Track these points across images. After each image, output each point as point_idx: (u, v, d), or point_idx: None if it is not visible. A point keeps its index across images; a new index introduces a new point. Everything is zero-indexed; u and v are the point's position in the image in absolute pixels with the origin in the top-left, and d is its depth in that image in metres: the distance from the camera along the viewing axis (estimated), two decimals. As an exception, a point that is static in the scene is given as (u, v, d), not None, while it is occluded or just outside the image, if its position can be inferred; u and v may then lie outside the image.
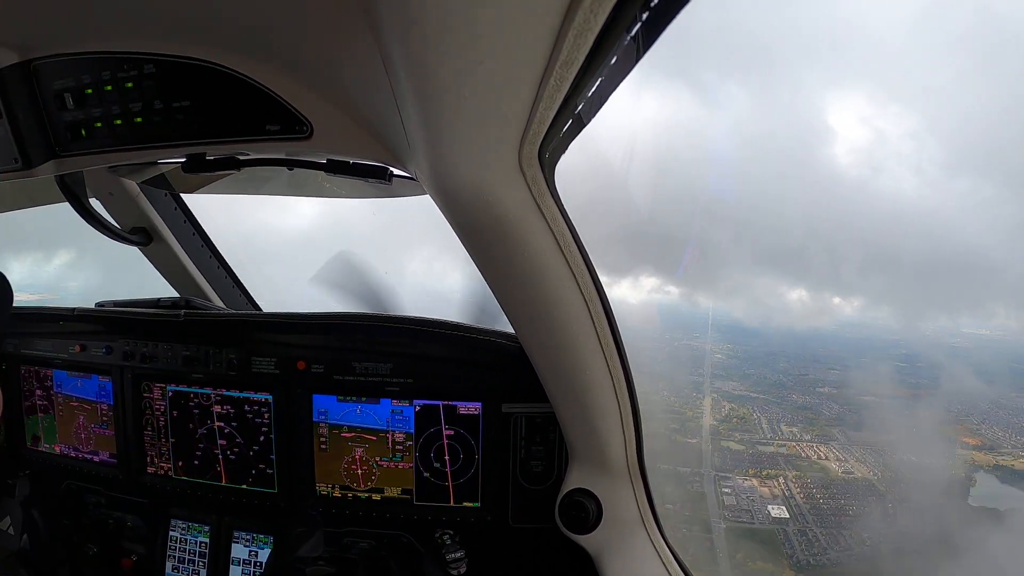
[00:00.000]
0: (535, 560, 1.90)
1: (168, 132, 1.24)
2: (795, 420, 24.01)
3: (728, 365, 28.81)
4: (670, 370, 28.57)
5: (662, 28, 0.73)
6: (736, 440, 22.42)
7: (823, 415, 24.43)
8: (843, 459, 21.65)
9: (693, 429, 23.34)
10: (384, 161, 1.33)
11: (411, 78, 0.72)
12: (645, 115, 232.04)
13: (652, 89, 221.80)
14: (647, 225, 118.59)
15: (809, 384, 27.11)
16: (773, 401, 25.02)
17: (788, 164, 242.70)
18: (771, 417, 23.81)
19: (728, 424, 23.53)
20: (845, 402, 25.56)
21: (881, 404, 26.05)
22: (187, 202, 2.45)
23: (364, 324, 1.95)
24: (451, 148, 0.93)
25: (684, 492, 19.56)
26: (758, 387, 26.18)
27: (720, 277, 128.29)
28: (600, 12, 0.64)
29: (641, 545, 1.70)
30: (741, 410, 24.34)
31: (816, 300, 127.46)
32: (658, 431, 22.26)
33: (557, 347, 1.45)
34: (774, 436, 22.63)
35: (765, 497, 19.46)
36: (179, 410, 2.07)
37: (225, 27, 1.08)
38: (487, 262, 1.30)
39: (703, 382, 26.93)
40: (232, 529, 2.06)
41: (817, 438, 22.80)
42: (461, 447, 1.89)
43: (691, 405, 24.98)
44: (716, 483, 19.83)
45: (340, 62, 1.03)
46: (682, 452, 21.34)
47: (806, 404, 25.20)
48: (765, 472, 20.75)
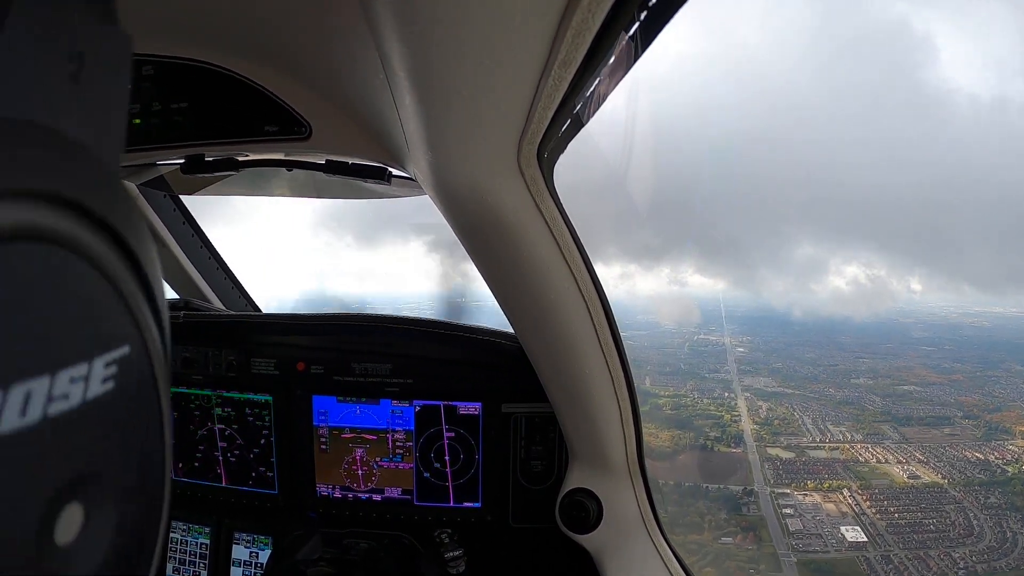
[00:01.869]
0: (535, 560, 1.90)
1: (166, 134, 1.24)
2: (840, 417, 21.87)
3: (753, 359, 26.61)
4: (694, 367, 26.64)
5: (660, 28, 0.73)
6: (783, 446, 20.17)
7: (867, 410, 22.37)
8: (903, 461, 19.50)
9: (734, 436, 21.13)
10: (383, 161, 1.33)
11: (409, 78, 0.72)
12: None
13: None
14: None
15: (842, 375, 25.08)
16: (811, 397, 23.04)
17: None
18: (814, 416, 21.73)
19: (770, 428, 21.28)
20: (885, 393, 23.52)
21: (923, 394, 23.76)
22: (186, 203, 2.45)
23: (364, 325, 1.95)
24: (450, 148, 0.93)
25: (741, 519, 16.86)
26: (790, 382, 24.18)
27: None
28: (598, 12, 0.64)
29: (642, 544, 1.70)
30: (780, 409, 22.16)
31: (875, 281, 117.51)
32: (697, 442, 20.51)
33: (557, 347, 1.45)
34: (823, 438, 20.51)
35: (833, 516, 16.88)
36: (179, 412, 2.06)
37: (223, 28, 1.08)
38: (486, 262, 1.30)
39: (731, 380, 24.69)
40: (233, 530, 2.06)
41: (869, 437, 20.71)
42: (461, 447, 1.89)
43: (726, 407, 22.75)
44: (775, 503, 17.15)
45: (338, 62, 1.03)
46: (728, 465, 19.24)
47: (846, 399, 23.12)
48: (826, 484, 18.28)
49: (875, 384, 24.44)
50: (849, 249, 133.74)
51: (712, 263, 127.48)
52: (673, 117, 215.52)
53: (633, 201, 72.23)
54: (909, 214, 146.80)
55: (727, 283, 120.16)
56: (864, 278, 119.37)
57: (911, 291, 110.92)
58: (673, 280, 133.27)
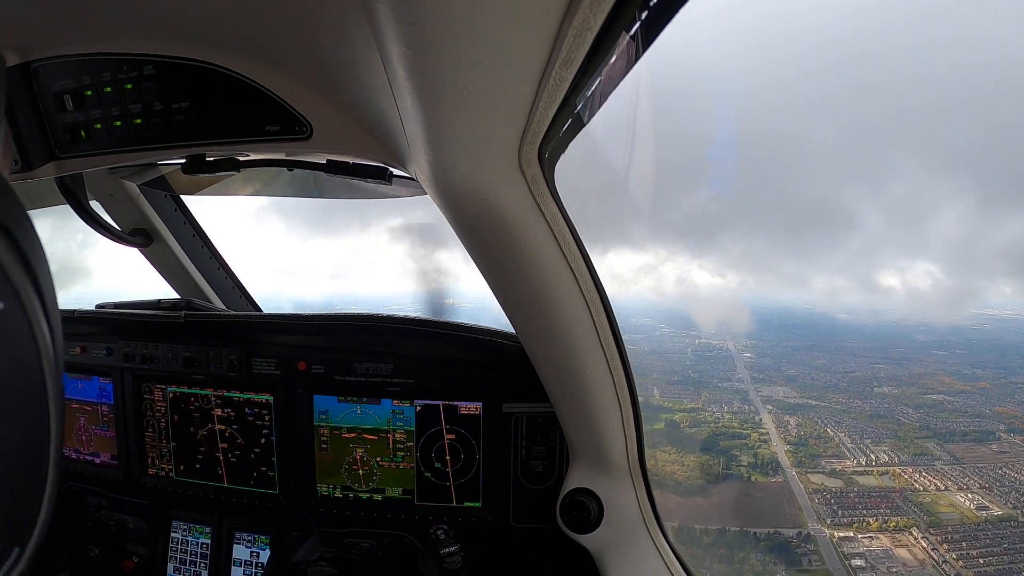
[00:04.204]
0: (536, 560, 1.90)
1: (168, 133, 1.24)
2: (878, 434, 19.37)
3: (763, 365, 24.11)
4: (704, 375, 24.02)
5: (661, 27, 0.73)
6: (826, 472, 17.28)
7: (903, 424, 19.78)
8: (965, 487, 16.64)
9: (768, 461, 18.22)
10: (384, 161, 1.33)
11: (410, 78, 0.72)
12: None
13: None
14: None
15: (863, 384, 22.78)
16: (838, 410, 20.60)
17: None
18: (848, 432, 19.13)
19: (806, 449, 18.51)
20: (915, 404, 21.04)
21: (954, 403, 21.44)
22: (187, 203, 2.45)
23: (364, 325, 1.95)
24: (451, 148, 0.93)
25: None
26: (810, 391, 21.76)
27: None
28: (599, 11, 0.64)
29: (643, 544, 1.70)
30: (809, 425, 19.47)
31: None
32: (729, 469, 17.73)
33: (557, 346, 1.45)
34: (867, 460, 17.84)
35: (910, 564, 13.83)
36: (180, 412, 2.07)
37: (224, 28, 1.08)
38: (487, 261, 1.30)
39: (747, 390, 22.06)
40: (233, 530, 2.07)
41: (916, 459, 17.86)
42: (462, 447, 1.89)
43: (751, 424, 20.16)
44: (838, 551, 14.10)
45: (339, 62, 1.03)
46: (772, 502, 16.09)
47: (877, 411, 20.64)
48: (891, 522, 15.28)
49: (901, 393, 22.22)
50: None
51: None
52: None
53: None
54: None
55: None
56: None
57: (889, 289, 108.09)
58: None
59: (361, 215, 19.01)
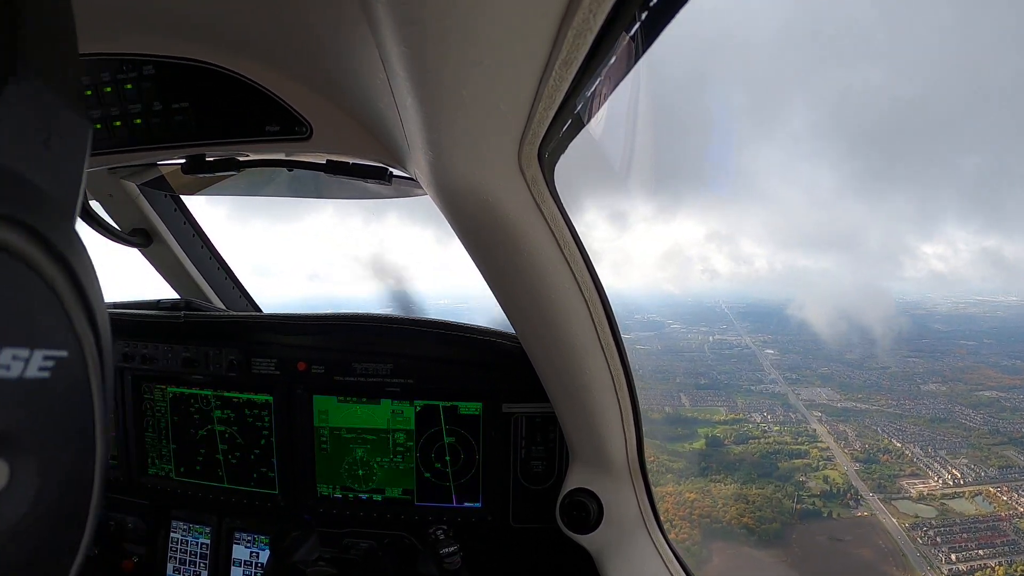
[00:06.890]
0: (536, 560, 1.90)
1: (167, 133, 1.24)
2: (951, 444, 16.65)
3: (791, 364, 21.31)
4: (732, 377, 21.09)
5: (661, 28, 0.73)
6: (912, 496, 13.95)
7: (971, 429, 17.19)
8: None
9: (842, 487, 14.62)
10: (384, 161, 1.33)
11: (410, 78, 0.72)
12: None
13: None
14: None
15: (904, 381, 20.31)
16: (892, 414, 18.00)
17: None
18: (917, 442, 16.29)
19: (879, 468, 15.11)
20: (971, 403, 18.74)
21: (1010, 400, 18.95)
22: (187, 204, 2.45)
23: (364, 325, 1.95)
24: (450, 148, 0.93)
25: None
26: (854, 392, 19.17)
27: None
28: (599, 12, 0.64)
29: (642, 544, 1.70)
30: (869, 436, 16.32)
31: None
32: (801, 503, 13.42)
33: (557, 346, 1.45)
34: (951, 478, 14.67)
35: None
36: (180, 412, 2.07)
37: (224, 28, 1.08)
38: (487, 262, 1.30)
39: (785, 392, 18.95)
40: (233, 530, 2.06)
41: (1003, 474, 14.89)
42: (462, 447, 1.89)
43: (806, 437, 16.83)
44: None
45: (339, 63, 1.03)
46: (867, 545, 12.10)
47: (935, 415, 17.97)
48: (1018, 567, 11.79)
49: (950, 391, 19.75)
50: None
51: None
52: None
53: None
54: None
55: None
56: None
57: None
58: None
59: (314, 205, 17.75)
